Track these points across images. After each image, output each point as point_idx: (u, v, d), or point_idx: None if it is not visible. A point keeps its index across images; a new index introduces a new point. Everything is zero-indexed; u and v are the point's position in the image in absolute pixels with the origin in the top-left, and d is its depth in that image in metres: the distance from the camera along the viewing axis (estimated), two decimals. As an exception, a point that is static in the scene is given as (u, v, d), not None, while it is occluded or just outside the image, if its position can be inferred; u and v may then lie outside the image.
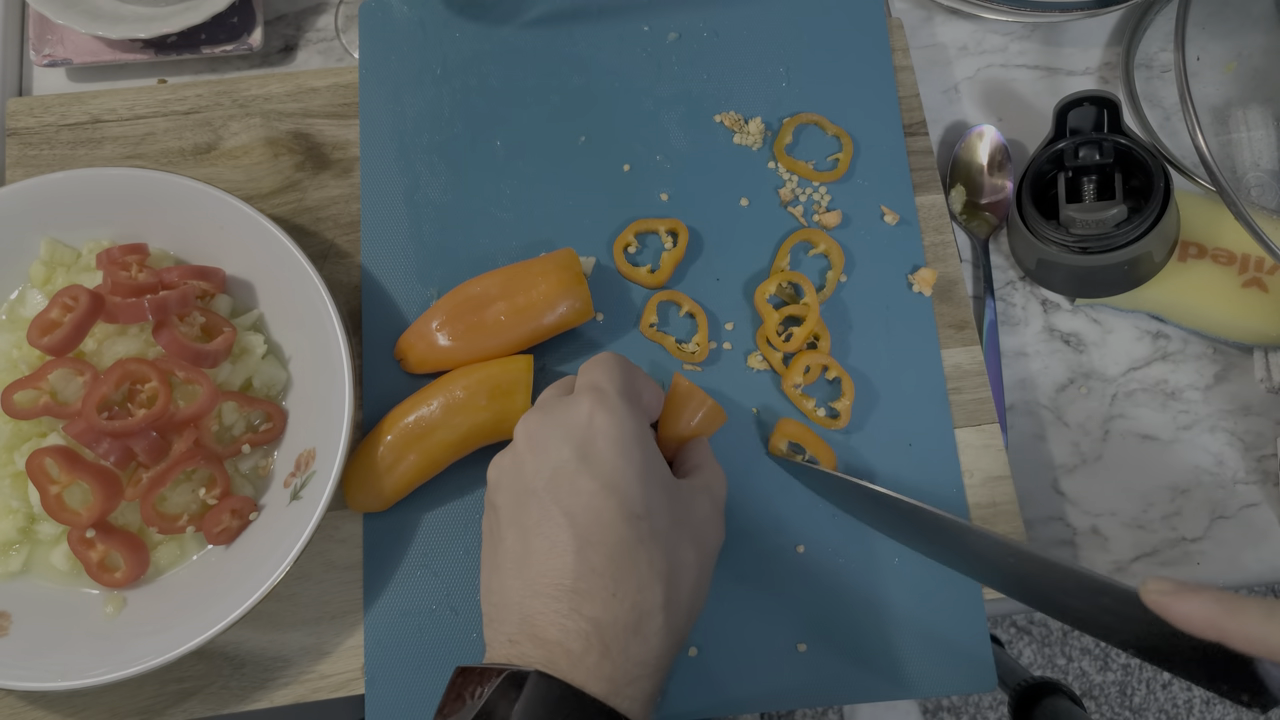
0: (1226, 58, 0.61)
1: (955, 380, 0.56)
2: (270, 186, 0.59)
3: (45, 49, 0.62)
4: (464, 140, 0.59)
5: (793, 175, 0.58)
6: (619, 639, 0.37)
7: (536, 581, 0.38)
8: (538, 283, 0.52)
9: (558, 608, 0.37)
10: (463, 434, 0.50)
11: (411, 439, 0.50)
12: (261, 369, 0.53)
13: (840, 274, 0.56)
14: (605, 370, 0.43)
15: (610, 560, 0.37)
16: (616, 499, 0.38)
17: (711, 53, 0.62)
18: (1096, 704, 1.36)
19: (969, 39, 0.66)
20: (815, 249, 0.57)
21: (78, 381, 0.48)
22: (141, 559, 0.49)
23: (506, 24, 0.62)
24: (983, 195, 0.61)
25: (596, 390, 0.41)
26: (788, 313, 0.55)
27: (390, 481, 0.50)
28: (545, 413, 0.42)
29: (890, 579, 0.52)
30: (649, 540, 0.38)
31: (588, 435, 0.40)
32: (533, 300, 0.52)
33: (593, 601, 0.37)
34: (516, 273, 0.53)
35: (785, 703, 0.50)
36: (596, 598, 0.37)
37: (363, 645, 0.50)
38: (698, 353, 0.55)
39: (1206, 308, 0.58)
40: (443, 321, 0.52)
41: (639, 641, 0.37)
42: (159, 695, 0.50)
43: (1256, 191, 0.59)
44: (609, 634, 0.37)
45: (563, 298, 0.52)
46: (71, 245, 0.54)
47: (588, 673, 0.36)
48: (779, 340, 0.54)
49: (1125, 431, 0.58)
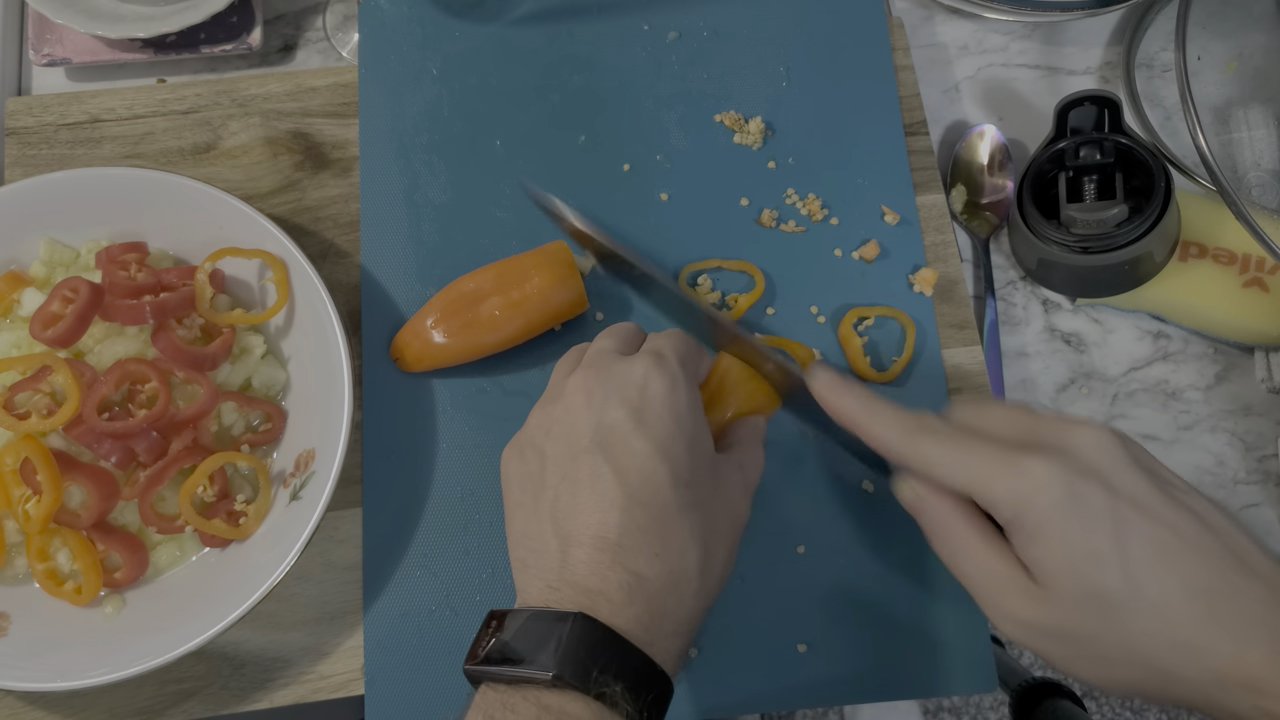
0: (1227, 57, 0.61)
1: (955, 380, 0.56)
2: (269, 186, 0.59)
3: (44, 48, 0.62)
4: (464, 140, 0.59)
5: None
6: (658, 595, 0.37)
7: (581, 533, 0.38)
8: (531, 276, 0.52)
9: (600, 558, 0.38)
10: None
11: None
12: (261, 369, 0.53)
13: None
14: (669, 340, 0.44)
15: (656, 520, 0.38)
16: (668, 464, 0.39)
17: (711, 52, 0.61)
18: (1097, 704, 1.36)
19: (970, 38, 0.66)
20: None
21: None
22: (141, 559, 0.49)
23: (506, 24, 0.62)
24: (983, 195, 0.61)
25: (657, 354, 0.42)
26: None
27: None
28: (601, 369, 0.42)
29: (890, 579, 0.51)
30: (691, 507, 0.39)
31: (644, 398, 0.40)
32: (527, 294, 0.52)
33: (636, 557, 0.38)
34: (509, 267, 0.53)
35: (785, 703, 0.50)
36: (640, 554, 0.38)
37: (362, 645, 0.50)
38: None
39: (1207, 308, 0.58)
40: (438, 318, 0.52)
41: (675, 600, 0.38)
42: (159, 695, 0.50)
43: (1257, 191, 0.58)
44: (651, 588, 0.37)
45: (556, 290, 0.52)
46: (70, 245, 0.54)
47: (628, 621, 0.36)
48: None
49: (1126, 431, 0.58)
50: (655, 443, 0.39)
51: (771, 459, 0.53)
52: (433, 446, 0.53)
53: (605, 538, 0.38)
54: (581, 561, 0.38)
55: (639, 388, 0.40)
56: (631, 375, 0.41)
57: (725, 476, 0.42)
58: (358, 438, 0.54)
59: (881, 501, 0.53)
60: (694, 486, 0.40)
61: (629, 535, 0.38)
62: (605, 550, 0.38)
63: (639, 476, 0.39)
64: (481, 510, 0.52)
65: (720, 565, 0.41)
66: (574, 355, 0.45)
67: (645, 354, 0.42)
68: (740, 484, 0.43)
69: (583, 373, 0.42)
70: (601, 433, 0.40)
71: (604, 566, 0.37)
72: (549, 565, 0.39)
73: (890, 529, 0.52)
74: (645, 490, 0.38)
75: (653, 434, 0.39)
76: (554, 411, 0.42)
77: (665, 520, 0.38)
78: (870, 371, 0.55)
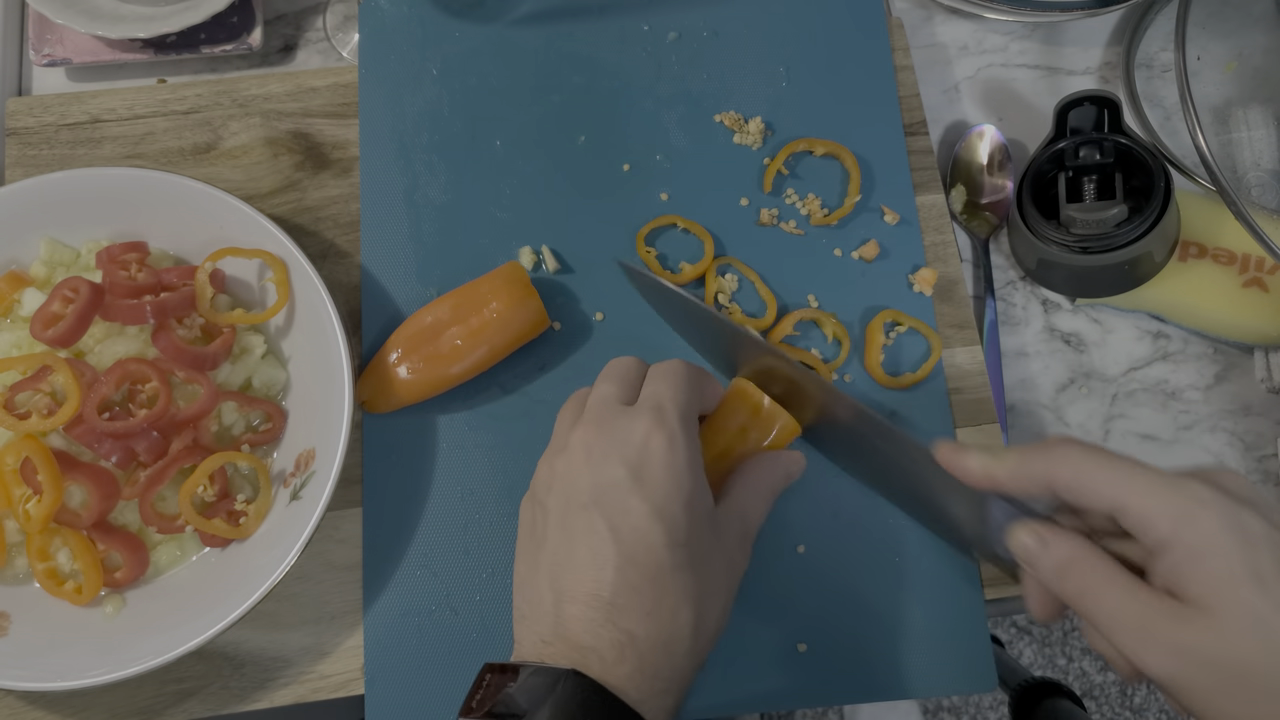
0: (1227, 57, 0.61)
1: (955, 380, 0.56)
2: (270, 186, 0.59)
3: (45, 49, 0.62)
4: (464, 140, 0.59)
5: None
6: (650, 654, 0.38)
7: (575, 589, 0.39)
8: (488, 301, 0.52)
9: (593, 616, 0.38)
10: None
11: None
12: (261, 369, 0.53)
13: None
14: (671, 386, 0.43)
15: (649, 581, 0.38)
16: (664, 525, 0.39)
17: (711, 52, 0.62)
18: (1097, 704, 1.36)
19: (969, 38, 0.66)
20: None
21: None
22: (141, 559, 0.49)
23: (506, 24, 0.62)
24: (983, 195, 0.61)
25: (658, 411, 0.41)
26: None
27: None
28: (604, 425, 0.42)
29: (890, 579, 0.51)
30: (686, 567, 0.39)
31: (643, 457, 0.40)
32: (486, 320, 0.52)
33: (628, 616, 0.38)
34: (465, 295, 0.53)
35: (785, 703, 0.50)
36: (632, 614, 0.38)
37: (363, 645, 0.50)
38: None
39: (1207, 308, 0.58)
40: (400, 356, 0.52)
41: (667, 660, 0.38)
42: (159, 695, 0.50)
43: (1257, 191, 0.59)
44: (642, 647, 0.38)
45: (516, 311, 0.52)
46: (71, 245, 0.54)
47: (619, 679, 0.37)
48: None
49: (1126, 432, 0.58)
50: (652, 503, 0.39)
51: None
52: (433, 446, 0.53)
53: (599, 595, 0.38)
54: (575, 618, 0.38)
55: (639, 447, 0.40)
56: (632, 433, 0.41)
57: (724, 529, 0.42)
58: (358, 438, 0.54)
59: (882, 502, 0.53)
60: (690, 546, 0.40)
61: (622, 594, 0.38)
62: (598, 608, 0.38)
63: (634, 536, 0.39)
64: (481, 510, 0.52)
65: (714, 623, 0.41)
66: (576, 404, 0.45)
67: (646, 410, 0.42)
68: (739, 534, 0.43)
69: (584, 429, 0.42)
70: (599, 490, 0.40)
71: (596, 624, 0.38)
72: (544, 619, 0.39)
73: (890, 529, 0.52)
74: (640, 550, 0.39)
75: (650, 494, 0.39)
76: (557, 465, 0.42)
77: (659, 581, 0.38)
78: (881, 374, 0.55)
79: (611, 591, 0.38)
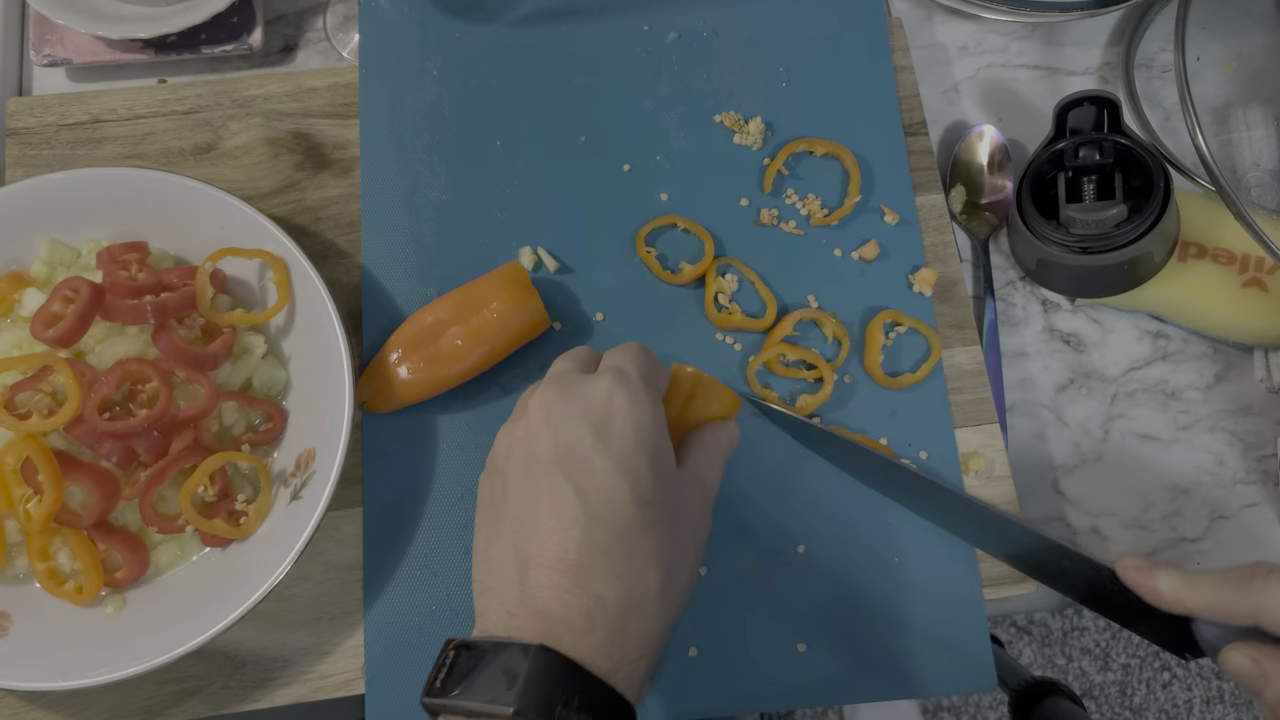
0: (1226, 58, 0.61)
1: (955, 380, 0.56)
2: (270, 186, 0.59)
3: (45, 49, 0.62)
4: (464, 140, 0.59)
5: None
6: (620, 619, 0.37)
7: (540, 554, 0.37)
8: (489, 301, 0.52)
9: (560, 581, 0.37)
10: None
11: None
12: (261, 369, 0.53)
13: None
14: (629, 356, 0.43)
15: (617, 540, 0.37)
16: (629, 481, 0.38)
17: (711, 53, 0.62)
18: (1096, 704, 1.36)
19: (969, 39, 0.66)
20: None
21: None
22: (141, 559, 0.49)
23: (506, 24, 0.62)
24: (983, 195, 0.61)
25: (619, 372, 0.41)
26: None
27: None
28: (563, 386, 0.41)
29: (890, 579, 0.52)
30: (654, 526, 0.38)
31: (606, 414, 0.39)
32: (486, 320, 0.52)
33: (597, 579, 0.37)
34: (466, 295, 0.53)
35: (785, 703, 0.50)
36: (601, 576, 0.37)
37: (363, 645, 0.50)
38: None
39: (1207, 308, 0.58)
40: (400, 356, 0.52)
41: (638, 624, 0.37)
42: (159, 695, 0.50)
43: (1256, 191, 0.59)
44: (611, 612, 0.36)
45: (516, 312, 0.52)
46: (71, 245, 0.54)
47: (590, 649, 0.36)
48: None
49: (1125, 431, 0.58)
50: (617, 460, 0.38)
51: (771, 459, 0.53)
52: (433, 447, 0.54)
53: (566, 559, 0.37)
54: (542, 585, 0.37)
55: (601, 404, 0.39)
56: (594, 392, 0.40)
57: (686, 491, 0.41)
58: (358, 438, 0.54)
59: (881, 502, 0.53)
60: (657, 504, 0.39)
61: (590, 556, 0.37)
62: (566, 572, 0.37)
63: (599, 494, 0.38)
64: (482, 510, 0.52)
65: (682, 585, 0.40)
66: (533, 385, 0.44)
67: (607, 370, 0.41)
68: (700, 497, 0.42)
69: (543, 391, 0.41)
70: (561, 450, 0.39)
71: (564, 590, 0.36)
72: (508, 589, 0.38)
73: (890, 529, 0.52)
74: (606, 508, 0.37)
75: (615, 451, 0.38)
76: (515, 431, 0.41)
77: (627, 540, 0.37)
78: (881, 374, 0.55)
79: (579, 553, 0.37)
